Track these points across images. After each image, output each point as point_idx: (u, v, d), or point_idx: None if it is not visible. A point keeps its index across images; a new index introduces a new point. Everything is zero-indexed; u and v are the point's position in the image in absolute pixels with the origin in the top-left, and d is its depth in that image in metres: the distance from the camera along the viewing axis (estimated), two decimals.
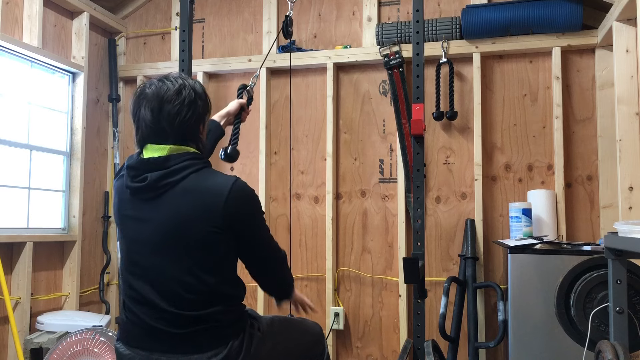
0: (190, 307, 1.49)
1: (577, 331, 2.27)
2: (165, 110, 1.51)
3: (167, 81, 1.55)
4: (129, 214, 1.55)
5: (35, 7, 3.12)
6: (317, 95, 3.51)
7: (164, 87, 1.54)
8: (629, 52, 2.66)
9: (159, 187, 1.49)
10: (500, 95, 3.23)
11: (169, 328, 1.49)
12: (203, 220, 1.48)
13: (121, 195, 1.58)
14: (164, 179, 1.49)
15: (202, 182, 1.50)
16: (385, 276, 3.31)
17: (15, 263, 2.99)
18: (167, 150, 1.51)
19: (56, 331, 2.94)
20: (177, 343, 1.49)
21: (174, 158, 1.51)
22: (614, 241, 1.78)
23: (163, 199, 1.50)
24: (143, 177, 1.50)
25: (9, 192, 3.05)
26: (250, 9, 3.67)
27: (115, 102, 3.75)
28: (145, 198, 1.51)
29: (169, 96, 1.52)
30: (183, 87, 1.55)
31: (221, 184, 1.51)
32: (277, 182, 3.51)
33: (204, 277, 1.50)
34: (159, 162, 1.50)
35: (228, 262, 1.56)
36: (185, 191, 1.49)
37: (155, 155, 1.51)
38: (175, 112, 1.52)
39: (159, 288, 1.50)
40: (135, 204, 1.54)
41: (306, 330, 1.87)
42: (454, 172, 3.26)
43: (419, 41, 2.59)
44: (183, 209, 1.48)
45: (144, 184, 1.50)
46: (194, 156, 1.54)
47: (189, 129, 1.55)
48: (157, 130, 1.52)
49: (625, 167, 2.59)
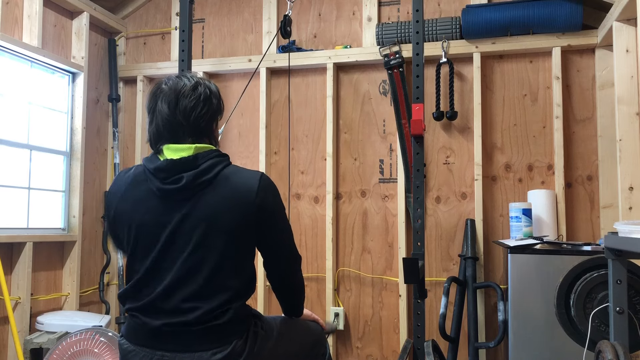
0: (205, 301, 1.50)
1: (577, 331, 2.27)
2: (181, 104, 1.57)
3: (184, 78, 1.62)
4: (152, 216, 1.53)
5: (35, 7, 3.12)
6: (317, 95, 3.51)
7: (180, 82, 1.60)
8: (629, 52, 2.66)
9: (195, 187, 1.52)
10: (500, 95, 3.23)
11: (175, 326, 1.49)
12: (236, 213, 1.52)
13: (140, 201, 1.55)
14: (199, 177, 1.52)
15: (232, 178, 1.55)
16: (385, 276, 3.31)
17: (15, 263, 2.99)
18: (193, 149, 1.55)
19: (56, 331, 2.94)
20: (182, 340, 1.49)
21: (201, 157, 1.55)
22: (614, 241, 1.78)
23: (199, 197, 1.52)
24: (177, 177, 1.52)
25: (9, 192, 3.05)
26: (250, 9, 3.67)
27: (115, 102, 3.75)
28: (179, 198, 1.53)
29: (186, 91, 1.58)
30: (199, 84, 1.61)
31: (250, 178, 1.57)
32: (277, 182, 3.51)
33: (229, 269, 1.53)
34: (190, 162, 1.53)
35: (251, 256, 1.61)
36: (218, 187, 1.53)
37: (183, 154, 1.54)
38: (192, 106, 1.57)
39: (178, 281, 1.51)
40: (163, 206, 1.53)
41: (308, 330, 1.87)
42: (454, 172, 3.26)
43: (419, 41, 2.59)
44: (219, 204, 1.52)
45: (180, 185, 1.51)
46: (218, 153, 1.59)
47: (204, 125, 1.60)
48: (173, 123, 1.57)
49: (625, 167, 2.59)
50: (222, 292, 1.52)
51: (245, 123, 3.62)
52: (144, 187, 1.57)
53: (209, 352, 1.48)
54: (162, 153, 1.57)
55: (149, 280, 1.54)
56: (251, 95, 3.59)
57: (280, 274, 1.71)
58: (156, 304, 1.51)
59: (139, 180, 1.58)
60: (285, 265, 1.70)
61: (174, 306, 1.50)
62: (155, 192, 1.54)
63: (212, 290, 1.51)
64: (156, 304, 1.51)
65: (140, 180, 1.58)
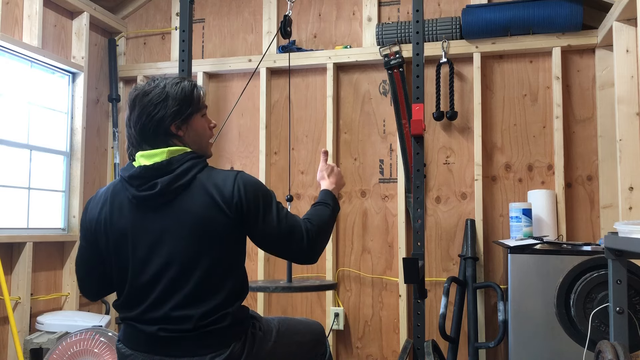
0: (197, 307, 1.49)
1: (577, 331, 2.27)
2: (136, 110, 1.56)
3: (147, 85, 1.60)
4: (132, 225, 1.52)
5: (35, 7, 3.12)
6: (317, 96, 3.50)
7: (138, 89, 1.59)
8: (629, 52, 2.66)
9: (170, 192, 1.50)
10: (501, 95, 3.23)
11: (172, 332, 1.49)
12: (215, 216, 1.49)
13: (118, 210, 1.54)
14: (174, 182, 1.50)
15: (208, 180, 1.53)
16: (385, 276, 3.31)
17: (15, 263, 2.99)
18: (166, 153, 1.52)
19: (56, 331, 2.94)
20: (180, 345, 1.49)
21: (175, 161, 1.52)
22: (614, 241, 1.77)
23: (174, 202, 1.50)
24: (151, 184, 1.50)
25: (9, 192, 3.05)
26: (250, 9, 3.67)
27: (115, 102, 3.75)
28: (155, 205, 1.51)
29: (139, 96, 1.57)
30: (156, 86, 1.58)
31: (226, 178, 1.54)
32: (277, 182, 3.51)
33: (217, 274, 1.51)
34: (163, 167, 1.51)
35: (241, 257, 1.59)
36: (195, 191, 1.51)
37: (156, 159, 1.51)
38: (147, 112, 1.55)
39: (166, 291, 1.49)
40: (140, 214, 1.52)
41: (308, 330, 1.87)
42: (454, 172, 3.26)
43: (419, 41, 2.59)
44: (195, 208, 1.49)
45: (155, 191, 1.49)
46: (193, 156, 1.56)
47: (164, 128, 1.55)
48: (138, 130, 1.55)
49: (625, 167, 2.59)
50: (215, 296, 1.50)
51: (245, 123, 3.62)
52: (121, 197, 1.55)
53: (207, 357, 1.47)
54: (136, 160, 1.55)
55: (138, 289, 1.52)
56: (251, 95, 3.59)
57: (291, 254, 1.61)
58: (149, 314, 1.51)
59: (116, 191, 1.57)
60: (292, 243, 1.58)
61: (166, 315, 1.49)
62: (132, 200, 1.53)
63: (205, 295, 1.49)
64: (149, 314, 1.51)
65: (118, 190, 1.57)
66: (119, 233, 1.54)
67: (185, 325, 1.48)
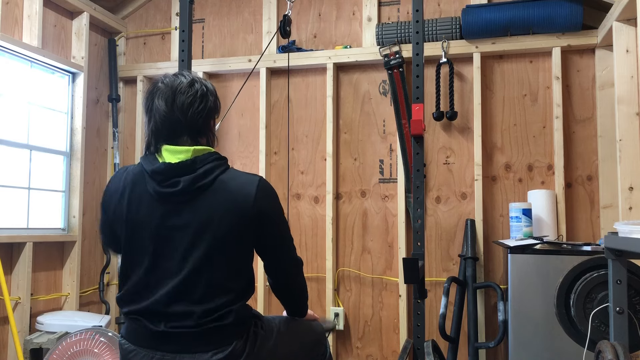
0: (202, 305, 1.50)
1: (577, 331, 2.27)
2: (179, 100, 1.57)
3: (180, 76, 1.62)
4: (150, 218, 1.53)
5: (35, 7, 3.12)
6: (317, 95, 3.51)
7: (177, 80, 1.60)
8: (629, 52, 2.66)
9: (191, 191, 1.52)
10: (500, 95, 3.23)
11: (176, 329, 1.49)
12: (234, 219, 1.52)
13: (137, 200, 1.55)
14: (196, 182, 1.52)
15: (230, 182, 1.55)
16: (385, 276, 3.31)
17: (15, 263, 2.99)
18: (192, 152, 1.55)
19: (56, 331, 2.94)
20: (182, 341, 1.49)
21: (199, 160, 1.54)
22: (614, 241, 1.78)
23: (196, 201, 1.52)
24: (174, 181, 1.52)
25: (9, 192, 3.05)
26: (250, 9, 3.67)
27: (115, 102, 3.75)
28: (176, 202, 1.53)
29: (182, 88, 1.58)
30: (195, 81, 1.62)
31: (249, 183, 1.57)
32: (277, 182, 3.51)
33: (228, 274, 1.53)
34: (187, 166, 1.53)
35: (250, 259, 1.61)
36: (216, 192, 1.53)
37: (181, 157, 1.54)
38: (189, 102, 1.57)
39: (175, 288, 1.50)
40: (160, 209, 1.53)
41: (308, 330, 1.87)
42: (454, 172, 3.26)
43: (419, 41, 2.59)
44: (214, 209, 1.52)
45: (177, 189, 1.51)
46: (217, 157, 1.59)
47: (202, 122, 1.60)
48: (172, 120, 1.56)
49: (625, 167, 2.59)
50: (223, 295, 1.52)
51: (245, 123, 3.62)
52: (141, 188, 1.56)
53: (209, 353, 1.48)
54: (160, 154, 1.56)
55: (147, 283, 1.53)
56: (251, 95, 3.59)
57: (281, 279, 1.71)
58: (158, 308, 1.51)
59: (137, 180, 1.58)
60: (286, 270, 1.70)
61: (176, 310, 1.50)
62: (153, 195, 1.54)
63: (213, 293, 1.51)
64: (158, 309, 1.51)
65: (138, 180, 1.57)
66: (136, 224, 1.55)
67: (188, 321, 1.49)
